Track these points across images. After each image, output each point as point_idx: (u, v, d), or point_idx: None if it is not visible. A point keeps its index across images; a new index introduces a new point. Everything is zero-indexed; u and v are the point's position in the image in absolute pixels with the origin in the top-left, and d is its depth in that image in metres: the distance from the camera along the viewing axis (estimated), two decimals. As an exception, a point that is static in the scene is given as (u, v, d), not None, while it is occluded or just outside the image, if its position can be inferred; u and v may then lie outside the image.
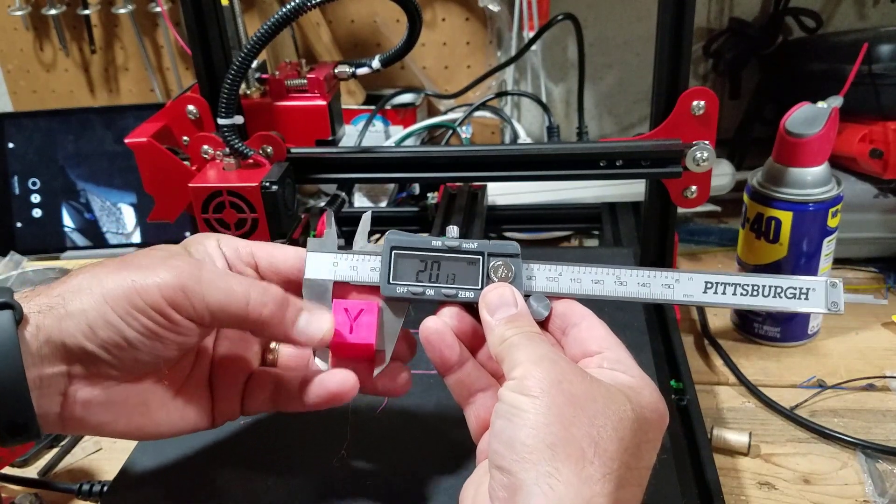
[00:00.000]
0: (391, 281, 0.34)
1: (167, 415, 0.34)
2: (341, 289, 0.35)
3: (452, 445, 0.39)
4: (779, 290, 0.33)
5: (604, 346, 0.32)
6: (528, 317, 0.32)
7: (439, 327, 0.33)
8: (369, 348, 0.34)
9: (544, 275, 0.34)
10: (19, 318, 0.29)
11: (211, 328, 0.34)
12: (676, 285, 0.33)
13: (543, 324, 0.34)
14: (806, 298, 0.33)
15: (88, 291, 0.30)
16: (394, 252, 0.34)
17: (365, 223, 0.36)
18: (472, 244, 0.34)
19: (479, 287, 0.33)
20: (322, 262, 0.35)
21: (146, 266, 0.31)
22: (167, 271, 0.31)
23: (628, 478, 0.27)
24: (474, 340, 0.34)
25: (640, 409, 0.29)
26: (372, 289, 0.35)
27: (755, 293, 0.33)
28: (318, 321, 0.33)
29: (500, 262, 0.33)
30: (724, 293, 0.33)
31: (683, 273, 0.33)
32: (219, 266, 0.34)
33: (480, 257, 0.34)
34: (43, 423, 0.30)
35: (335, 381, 0.35)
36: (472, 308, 0.34)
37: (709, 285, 0.33)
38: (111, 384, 0.32)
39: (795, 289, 0.33)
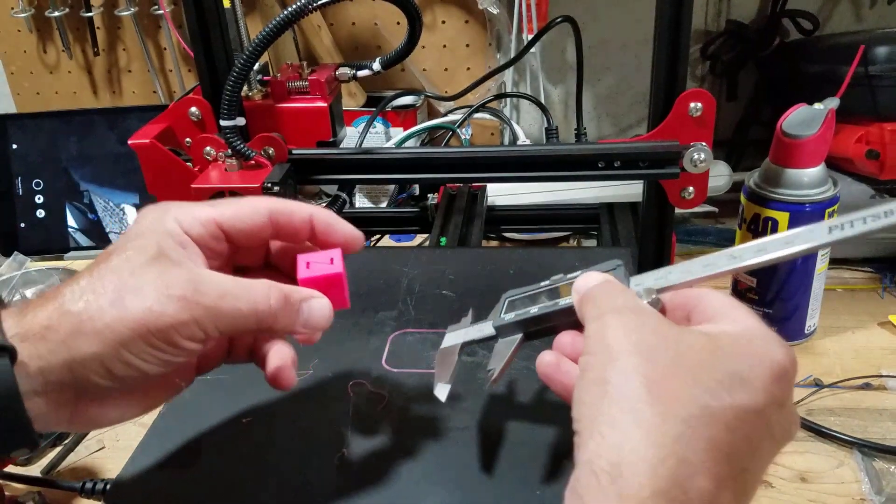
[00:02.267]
0: (501, 316, 0.35)
1: (157, 397, 0.35)
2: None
3: (453, 444, 0.39)
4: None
5: (718, 310, 0.29)
6: (619, 286, 0.30)
7: (551, 360, 0.32)
8: (337, 277, 0.34)
9: (652, 276, 0.32)
10: (13, 359, 0.28)
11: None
12: (796, 239, 0.30)
13: None
14: None
15: (96, 335, 0.29)
16: (507, 300, 0.36)
17: (469, 316, 0.37)
18: (575, 273, 0.34)
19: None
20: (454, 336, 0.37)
21: (146, 296, 0.30)
22: (172, 305, 0.30)
23: (703, 415, 0.24)
24: None
25: (731, 348, 0.26)
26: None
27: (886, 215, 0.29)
28: (319, 309, 0.33)
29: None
30: (851, 227, 0.30)
31: (802, 229, 0.30)
32: (199, 263, 0.33)
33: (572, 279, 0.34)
34: (41, 430, 0.30)
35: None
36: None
37: (833, 227, 0.30)
38: (122, 394, 0.32)
39: None
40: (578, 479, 0.25)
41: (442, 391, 0.36)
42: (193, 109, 0.53)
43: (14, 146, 0.81)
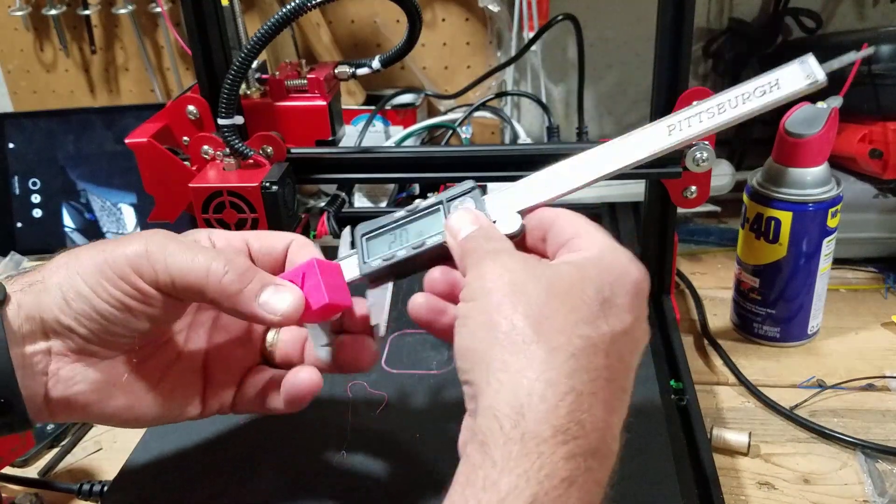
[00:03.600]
0: (365, 261, 0.34)
1: (154, 399, 0.34)
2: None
3: (453, 445, 0.39)
4: (746, 95, 0.31)
5: (572, 234, 0.30)
6: (492, 230, 0.31)
7: (425, 303, 0.32)
8: (329, 307, 0.34)
9: (509, 195, 0.33)
10: (2, 298, 0.30)
11: (177, 299, 0.33)
12: (639, 147, 0.31)
13: (522, 242, 0.32)
14: (778, 87, 0.31)
15: (65, 267, 0.31)
16: (364, 238, 0.35)
17: (345, 237, 0.37)
18: (430, 200, 0.34)
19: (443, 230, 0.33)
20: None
21: (121, 241, 0.32)
22: (137, 242, 0.31)
23: (587, 346, 0.25)
24: None
25: (597, 275, 0.27)
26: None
27: (722, 111, 0.30)
28: (281, 295, 0.32)
29: (457, 202, 0.33)
30: (689, 126, 0.31)
31: (640, 131, 0.31)
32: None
33: (440, 206, 0.34)
34: (30, 408, 0.31)
35: (303, 378, 0.34)
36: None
37: (671, 127, 0.31)
38: (93, 361, 0.32)
39: (763, 85, 0.31)
40: (479, 427, 0.25)
41: (323, 351, 0.35)
42: (191, 108, 0.53)
43: (11, 145, 0.81)
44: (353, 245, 0.36)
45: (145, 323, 0.32)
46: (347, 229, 0.37)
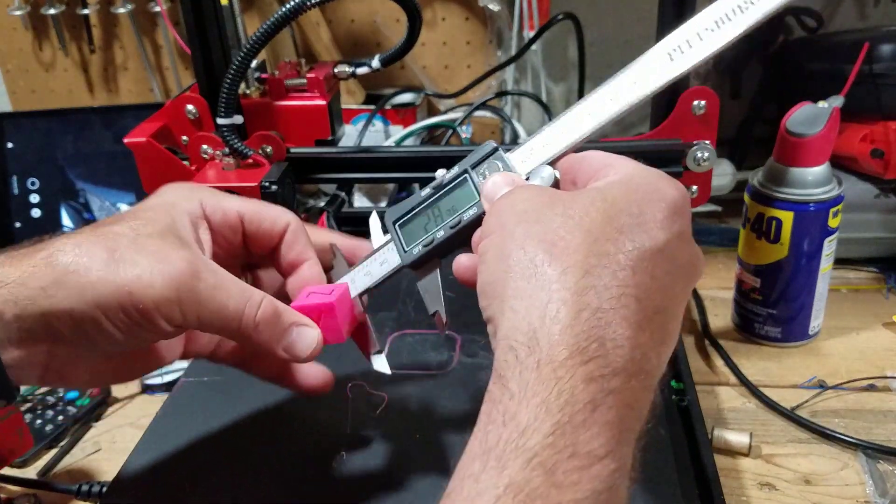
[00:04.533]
0: (406, 249, 0.33)
1: (141, 363, 0.35)
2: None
3: (453, 445, 0.39)
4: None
5: (601, 165, 0.28)
6: (517, 179, 0.30)
7: (469, 263, 0.31)
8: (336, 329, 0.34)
9: (533, 148, 0.31)
10: None
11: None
12: (652, 74, 0.30)
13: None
14: None
15: (78, 291, 0.28)
16: (396, 225, 0.34)
17: (375, 224, 0.36)
18: (454, 170, 0.33)
19: (479, 198, 0.32)
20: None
21: (139, 265, 0.29)
22: (163, 281, 0.29)
23: (606, 263, 0.24)
24: None
25: (623, 193, 0.26)
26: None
27: (721, 24, 0.28)
28: (305, 338, 0.32)
29: (484, 167, 0.32)
30: (690, 48, 0.29)
31: (642, 60, 0.30)
32: (206, 250, 0.33)
33: (466, 175, 0.33)
34: (25, 383, 0.31)
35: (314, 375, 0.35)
36: None
37: (673, 52, 0.29)
38: (95, 357, 0.32)
39: None
40: (497, 360, 0.24)
41: (381, 363, 0.35)
42: (190, 107, 0.53)
43: (9, 145, 0.80)
44: (384, 231, 0.35)
45: (146, 343, 0.33)
46: (374, 215, 0.36)
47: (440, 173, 0.34)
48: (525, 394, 0.22)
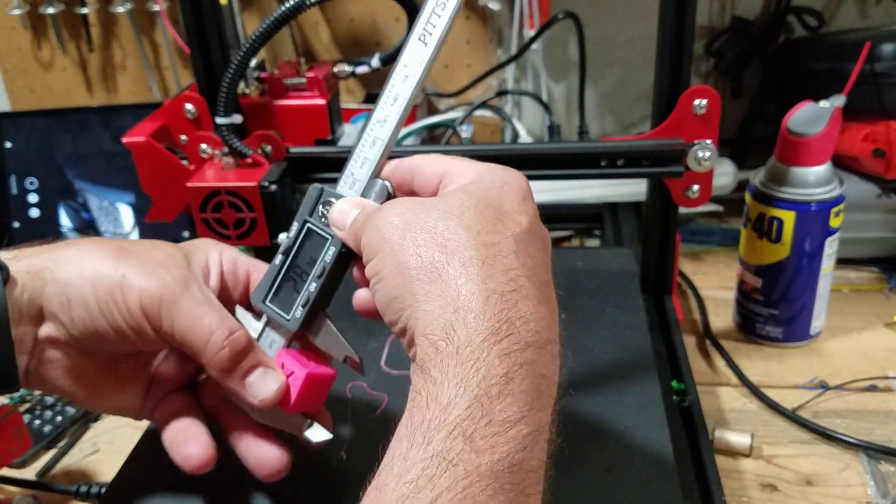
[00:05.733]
0: (288, 318, 0.34)
1: (113, 395, 0.36)
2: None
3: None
4: None
5: (441, 173, 0.31)
6: (372, 204, 0.32)
7: (364, 296, 0.33)
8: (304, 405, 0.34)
9: (353, 173, 0.34)
10: (6, 278, 0.31)
11: (171, 346, 0.35)
12: (415, 62, 0.32)
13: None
14: None
15: (79, 268, 0.31)
16: (266, 304, 0.35)
17: (243, 316, 0.37)
18: (293, 229, 0.34)
19: (331, 238, 0.33)
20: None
21: (141, 265, 0.32)
22: (156, 280, 0.32)
23: (495, 252, 0.27)
24: None
25: (482, 191, 0.28)
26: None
27: None
28: (268, 381, 0.33)
29: (320, 210, 0.34)
30: (434, 27, 0.32)
31: (403, 55, 0.33)
32: (212, 282, 0.35)
33: (308, 225, 0.34)
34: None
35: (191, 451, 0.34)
36: None
37: (422, 37, 0.32)
38: (73, 354, 0.33)
39: None
40: (418, 356, 0.26)
41: (318, 434, 0.35)
42: (189, 107, 0.53)
43: (8, 144, 0.80)
44: (258, 319, 0.36)
45: (131, 349, 0.34)
46: (239, 309, 0.37)
47: (282, 237, 0.35)
48: (446, 377, 0.24)
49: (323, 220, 0.34)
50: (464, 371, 0.24)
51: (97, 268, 0.32)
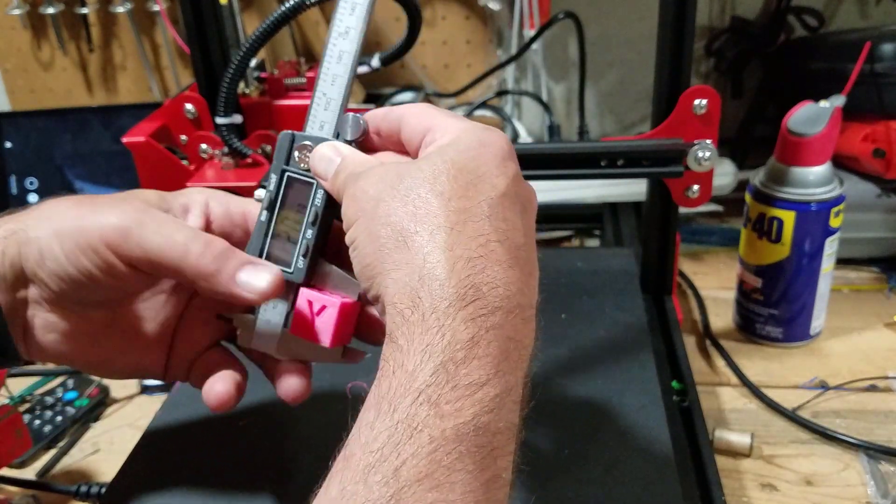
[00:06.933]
0: (290, 271, 0.33)
1: (122, 356, 0.35)
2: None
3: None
4: None
5: (424, 128, 0.30)
6: (352, 154, 0.31)
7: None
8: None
9: (316, 115, 0.33)
10: None
11: (152, 276, 0.33)
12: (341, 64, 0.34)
13: (366, 144, 0.32)
14: None
15: (48, 222, 0.31)
16: (265, 259, 0.34)
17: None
18: (271, 181, 0.33)
19: (316, 182, 0.32)
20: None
21: (100, 206, 0.32)
22: (115, 214, 0.31)
23: (465, 218, 0.26)
24: None
25: (458, 154, 0.28)
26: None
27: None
28: (261, 273, 0.32)
29: (296, 156, 0.33)
30: (347, 34, 0.34)
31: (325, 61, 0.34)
32: (191, 219, 0.34)
33: (287, 173, 0.33)
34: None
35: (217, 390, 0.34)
36: None
37: (339, 53, 0.34)
38: (66, 313, 0.33)
39: None
40: (387, 326, 0.26)
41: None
42: (189, 107, 0.53)
43: (8, 144, 0.80)
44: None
45: (113, 293, 0.33)
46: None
47: (260, 193, 0.34)
48: (412, 344, 0.24)
49: (302, 165, 0.33)
50: (429, 337, 0.24)
51: (63, 220, 0.31)
